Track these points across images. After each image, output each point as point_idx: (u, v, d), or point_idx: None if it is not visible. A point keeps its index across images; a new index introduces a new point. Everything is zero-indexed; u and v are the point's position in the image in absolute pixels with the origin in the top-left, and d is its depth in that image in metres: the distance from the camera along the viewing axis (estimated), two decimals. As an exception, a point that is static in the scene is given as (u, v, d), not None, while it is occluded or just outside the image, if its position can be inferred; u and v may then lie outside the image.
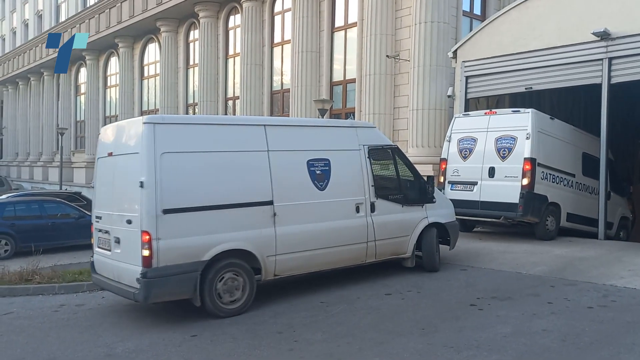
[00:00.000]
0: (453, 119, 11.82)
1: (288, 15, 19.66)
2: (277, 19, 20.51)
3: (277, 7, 20.41)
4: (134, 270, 5.79)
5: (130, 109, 28.53)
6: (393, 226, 7.70)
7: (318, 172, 7.01)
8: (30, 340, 5.69)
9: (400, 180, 8.01)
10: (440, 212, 8.36)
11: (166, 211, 5.78)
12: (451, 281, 7.63)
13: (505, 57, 12.53)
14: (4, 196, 16.77)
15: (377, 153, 7.80)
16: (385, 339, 5.29)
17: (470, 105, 13.58)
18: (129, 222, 5.94)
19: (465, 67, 13.34)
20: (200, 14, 22.62)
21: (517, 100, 13.93)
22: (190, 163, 6.09)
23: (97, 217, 6.80)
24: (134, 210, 5.88)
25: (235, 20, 22.34)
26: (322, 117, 14.71)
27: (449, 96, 13.98)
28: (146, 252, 5.68)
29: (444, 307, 6.38)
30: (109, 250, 6.40)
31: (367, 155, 7.54)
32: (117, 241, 6.21)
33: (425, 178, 8.42)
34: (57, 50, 32.57)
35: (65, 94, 35.78)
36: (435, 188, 8.44)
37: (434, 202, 8.23)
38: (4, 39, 47.36)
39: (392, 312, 6.24)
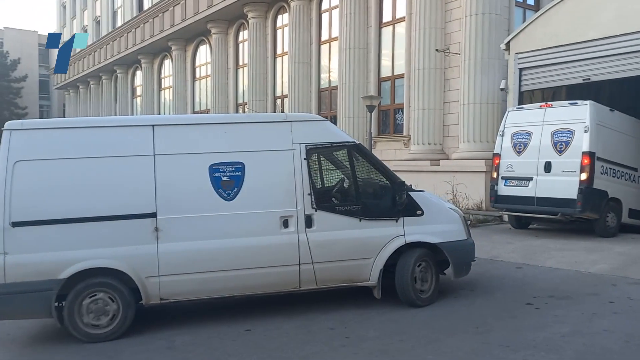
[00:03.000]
0: (506, 112, 11.54)
1: (335, 13, 19.69)
2: (325, 16, 20.58)
3: (325, 5, 20.47)
4: None
5: (183, 110, 29.36)
6: (343, 245, 6.05)
7: (225, 178, 5.81)
8: (95, 332, 5.96)
9: (357, 187, 6.25)
10: (431, 228, 6.33)
11: (15, 224, 5.30)
12: (506, 280, 7.47)
13: (561, 47, 12.11)
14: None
15: (321, 153, 6.22)
16: (439, 337, 5.24)
17: (525, 98, 13.21)
18: None
19: (518, 59, 12.97)
20: (249, 15, 22.99)
21: (575, 92, 13.41)
22: (50, 172, 5.50)
23: None
24: None
25: (283, 19, 22.57)
26: (370, 114, 14.66)
27: (501, 89, 13.64)
28: None
29: (498, 306, 6.25)
30: None
31: (303, 156, 6.01)
32: None
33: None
34: (121, 53, 34.11)
35: (123, 96, 37.22)
36: (425, 195, 6.57)
37: (419, 214, 6.29)
38: (65, 45, 49.64)
39: (445, 311, 6.17)
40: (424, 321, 5.80)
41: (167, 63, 32.06)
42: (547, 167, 10.25)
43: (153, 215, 5.60)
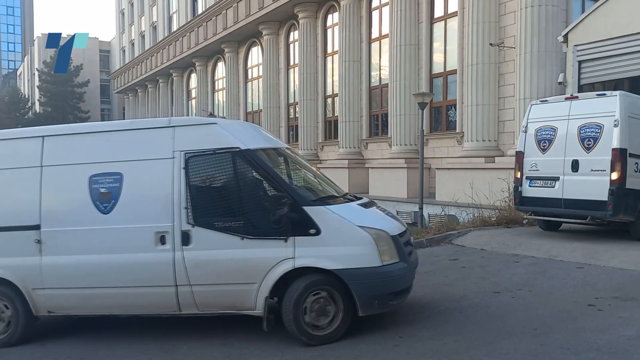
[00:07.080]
0: (529, 106, 10.59)
1: (385, 10, 19.55)
2: (375, 14, 20.47)
3: (375, 3, 20.37)
4: None
5: (235, 111, 29.97)
6: (223, 267, 5.36)
7: (103, 190, 5.60)
8: (159, 329, 6.18)
9: (240, 200, 5.50)
10: (329, 250, 5.24)
11: None
12: (566, 280, 7.19)
13: (624, 37, 11.53)
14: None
15: (203, 161, 5.53)
16: (494, 339, 5.11)
17: (585, 91, 12.65)
18: None
19: (577, 51, 12.45)
20: (300, 15, 23.18)
21: (638, 84, 12.79)
22: None
23: None
24: None
25: (333, 18, 22.62)
26: (422, 111, 14.47)
27: (559, 83, 13.13)
28: None
29: (558, 307, 6.02)
30: None
31: (183, 165, 5.48)
32: None
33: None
34: (176, 56, 35.16)
35: (178, 98, 38.37)
36: (326, 210, 5.38)
37: (312, 233, 5.24)
38: (124, 50, 51.79)
39: (501, 311, 6.01)
40: (479, 322, 5.67)
41: (220, 65, 32.80)
42: (575, 165, 9.34)
43: (37, 227, 5.71)
